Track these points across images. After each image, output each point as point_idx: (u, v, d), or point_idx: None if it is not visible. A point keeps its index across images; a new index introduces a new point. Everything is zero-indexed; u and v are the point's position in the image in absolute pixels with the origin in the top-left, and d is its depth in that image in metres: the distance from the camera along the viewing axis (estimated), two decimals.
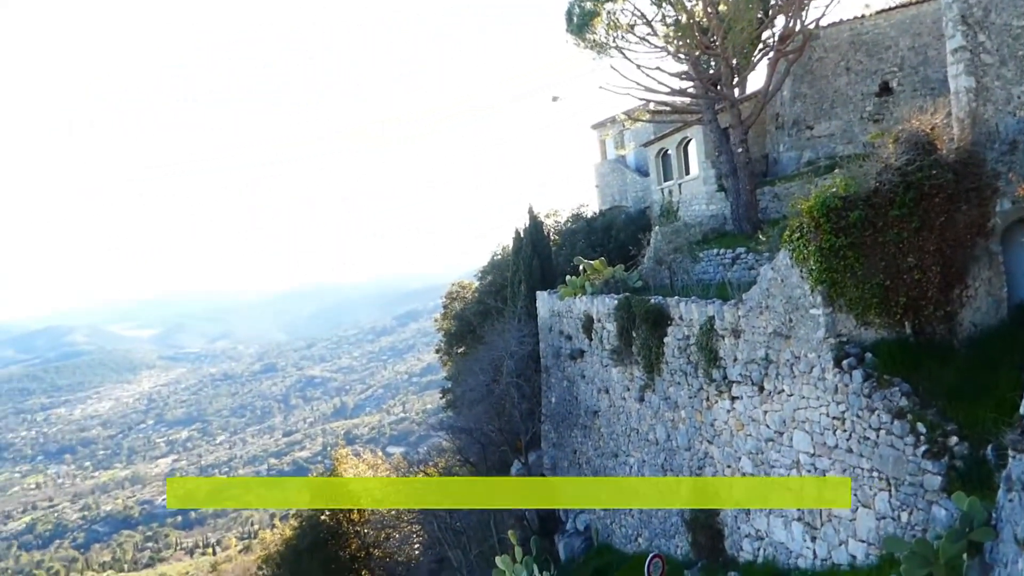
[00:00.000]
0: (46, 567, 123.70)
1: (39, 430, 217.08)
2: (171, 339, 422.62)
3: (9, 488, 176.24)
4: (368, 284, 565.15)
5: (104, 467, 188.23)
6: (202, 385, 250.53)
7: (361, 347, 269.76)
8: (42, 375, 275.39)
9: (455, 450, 28.30)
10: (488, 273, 39.65)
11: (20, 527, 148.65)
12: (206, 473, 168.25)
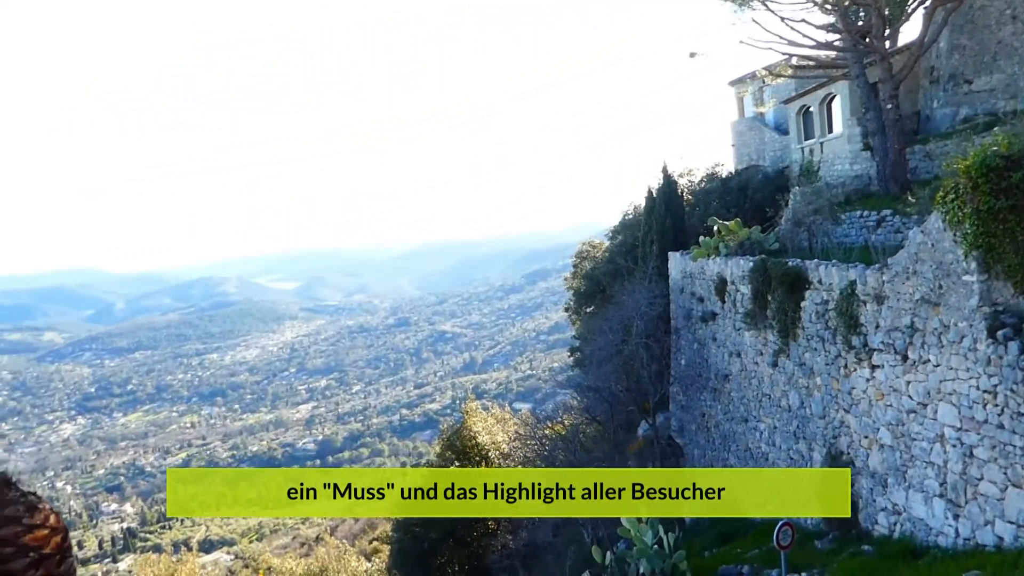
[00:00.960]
0: (199, 499, 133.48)
1: (194, 374, 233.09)
2: (312, 292, 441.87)
3: (168, 425, 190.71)
4: (496, 242, 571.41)
5: (251, 410, 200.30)
6: (340, 337, 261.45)
7: (490, 304, 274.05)
8: (197, 323, 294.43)
9: (582, 408, 28.45)
10: (619, 233, 39.29)
11: (177, 461, 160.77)
12: (343, 420, 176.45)
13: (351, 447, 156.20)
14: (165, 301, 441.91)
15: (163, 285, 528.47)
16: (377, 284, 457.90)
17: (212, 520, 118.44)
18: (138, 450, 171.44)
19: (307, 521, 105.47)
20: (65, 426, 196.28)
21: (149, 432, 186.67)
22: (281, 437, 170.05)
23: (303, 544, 72.08)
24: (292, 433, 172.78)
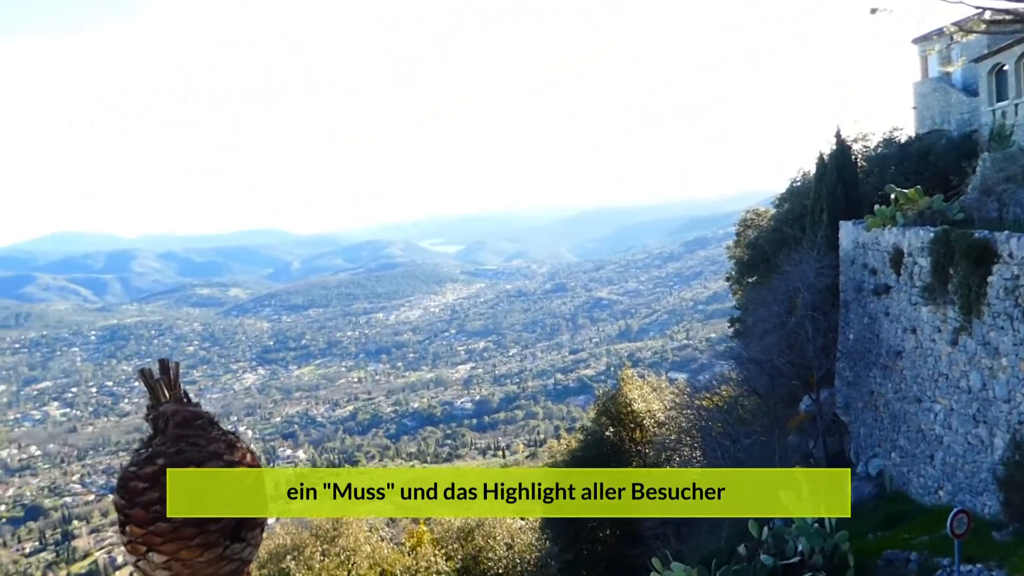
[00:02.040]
0: (364, 451, 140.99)
1: (361, 331, 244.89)
2: (473, 256, 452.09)
3: (337, 379, 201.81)
4: (654, 209, 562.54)
5: (413, 368, 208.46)
6: (498, 300, 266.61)
7: (648, 272, 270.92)
8: (365, 283, 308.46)
9: (741, 380, 27.75)
10: (785, 200, 37.76)
11: (345, 414, 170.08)
12: (499, 382, 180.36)
13: (507, 408, 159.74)
14: (337, 262, 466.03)
15: (335, 247, 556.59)
16: (536, 250, 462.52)
17: (376, 471, 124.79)
18: (310, 401, 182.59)
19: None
20: (247, 376, 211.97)
21: (320, 385, 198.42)
22: (440, 395, 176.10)
23: None
24: (451, 392, 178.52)
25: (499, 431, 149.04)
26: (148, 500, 4.31)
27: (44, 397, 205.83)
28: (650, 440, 32.64)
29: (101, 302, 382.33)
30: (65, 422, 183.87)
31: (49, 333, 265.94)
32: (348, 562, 19.34)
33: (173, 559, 4.13)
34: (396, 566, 19.66)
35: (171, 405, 4.64)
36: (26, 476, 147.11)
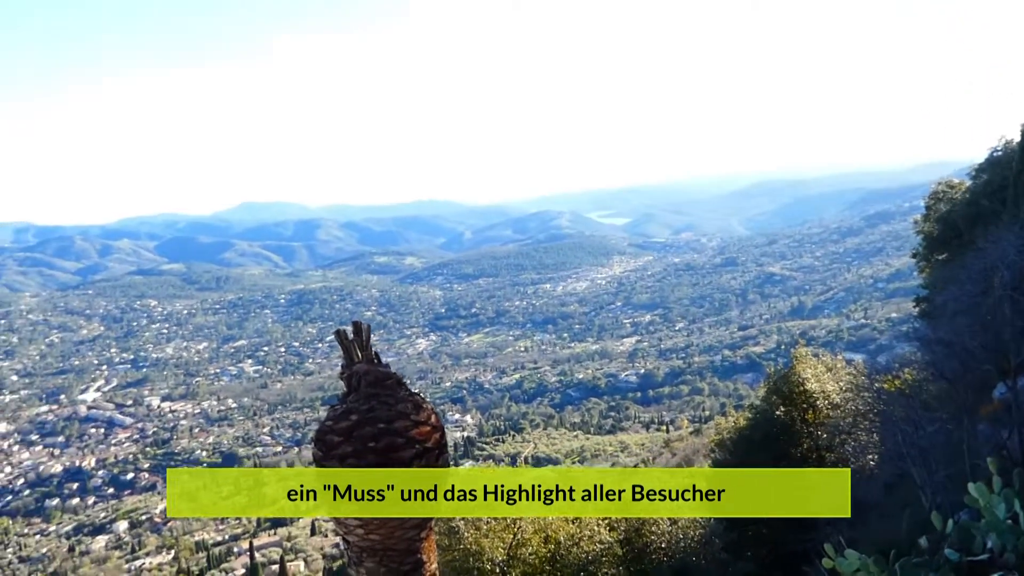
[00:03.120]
0: (529, 418, 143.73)
1: (529, 301, 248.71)
2: (640, 228, 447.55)
3: (504, 348, 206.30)
4: (831, 180, 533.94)
5: (578, 339, 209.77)
6: (666, 274, 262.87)
7: (824, 247, 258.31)
8: (532, 253, 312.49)
9: (926, 363, 26.05)
10: (984, 171, 34.85)
11: (511, 382, 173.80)
12: (664, 356, 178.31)
13: (671, 383, 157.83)
14: (506, 232, 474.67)
15: (505, 217, 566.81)
16: (705, 223, 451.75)
17: (540, 439, 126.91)
18: (478, 368, 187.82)
19: (626, 449, 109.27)
20: (420, 341, 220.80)
21: (488, 352, 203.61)
22: (605, 367, 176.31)
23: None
24: (616, 364, 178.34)
25: (663, 405, 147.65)
26: (342, 453, 4.65)
27: (240, 354, 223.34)
28: (823, 422, 31.38)
29: (290, 268, 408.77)
30: (257, 378, 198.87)
31: (244, 296, 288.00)
32: (514, 525, 19.79)
33: None
34: (560, 533, 19.96)
35: (363, 365, 4.96)
36: (224, 426, 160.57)
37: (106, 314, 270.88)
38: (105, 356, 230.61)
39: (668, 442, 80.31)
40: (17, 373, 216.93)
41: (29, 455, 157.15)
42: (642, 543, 21.42)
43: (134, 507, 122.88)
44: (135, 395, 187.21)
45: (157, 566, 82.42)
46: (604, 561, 19.47)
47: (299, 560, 69.68)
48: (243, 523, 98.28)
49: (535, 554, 19.25)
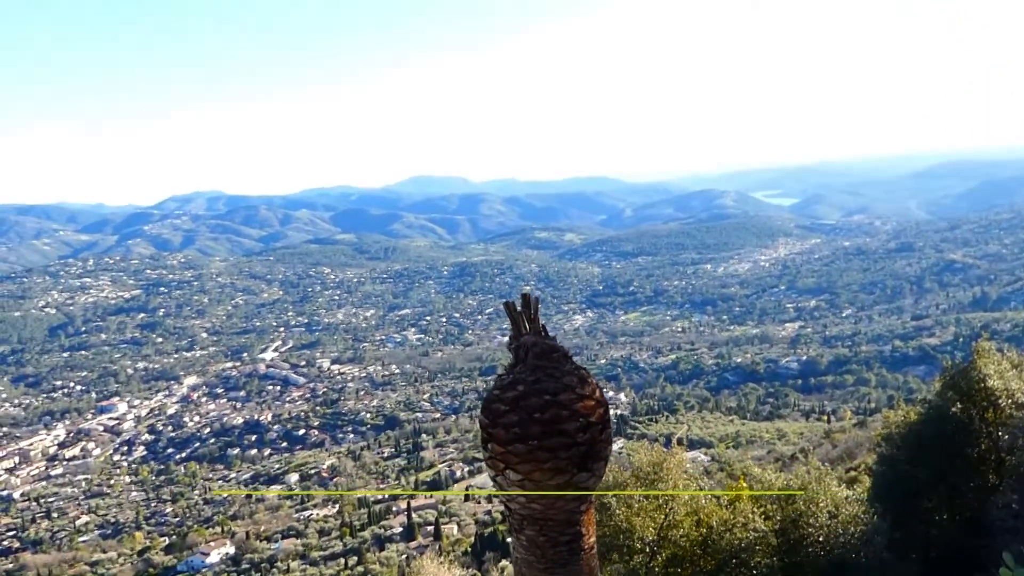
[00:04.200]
0: (684, 400, 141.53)
1: (688, 281, 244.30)
2: (808, 209, 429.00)
3: (661, 327, 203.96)
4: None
5: (738, 322, 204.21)
6: (834, 257, 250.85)
7: (1014, 234, 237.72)
8: (694, 233, 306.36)
9: None
10: None
11: (667, 362, 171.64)
12: (829, 343, 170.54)
13: (835, 372, 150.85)
14: (667, 211, 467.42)
15: (667, 195, 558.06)
16: (880, 205, 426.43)
17: (693, 421, 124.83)
18: (634, 346, 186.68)
19: (784, 437, 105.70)
20: (576, 317, 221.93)
21: (644, 331, 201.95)
22: (765, 352, 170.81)
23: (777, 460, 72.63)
24: (776, 350, 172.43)
25: (825, 395, 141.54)
26: (508, 422, 4.86)
27: (404, 323, 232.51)
28: (1004, 423, 29.16)
29: (453, 240, 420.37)
30: (419, 346, 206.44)
31: (410, 266, 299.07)
32: (666, 506, 19.72)
33: (527, 479, 4.64)
34: (713, 517, 19.70)
35: (531, 337, 5.15)
36: (387, 391, 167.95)
37: (285, 279, 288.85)
38: (283, 319, 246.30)
39: (829, 433, 76.95)
40: (207, 331, 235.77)
41: (215, 407, 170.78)
42: (798, 535, 20.82)
43: (304, 461, 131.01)
44: (308, 356, 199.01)
45: (323, 518, 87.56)
46: (757, 550, 19.08)
47: (453, 523, 72.16)
48: (402, 484, 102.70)
49: (686, 537, 19.13)
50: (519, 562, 4.69)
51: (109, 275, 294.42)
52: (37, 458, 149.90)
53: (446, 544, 59.67)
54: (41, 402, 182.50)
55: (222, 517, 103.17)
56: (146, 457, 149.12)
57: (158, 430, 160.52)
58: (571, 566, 4.52)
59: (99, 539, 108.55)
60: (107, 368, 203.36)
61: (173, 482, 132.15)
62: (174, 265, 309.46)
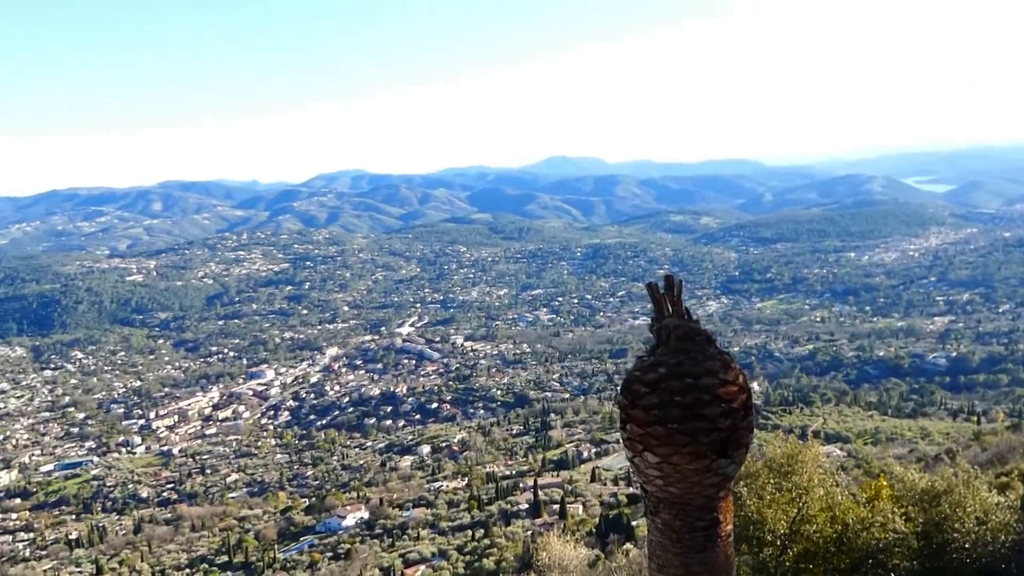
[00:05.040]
0: (820, 392, 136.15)
1: (829, 270, 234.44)
2: (965, 197, 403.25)
3: (799, 316, 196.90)
4: None
5: (882, 314, 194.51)
6: (992, 248, 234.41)
7: None
8: (838, 219, 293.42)
9: None
10: None
11: (804, 352, 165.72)
12: (982, 340, 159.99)
13: (988, 370, 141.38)
14: (810, 195, 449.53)
15: (809, 180, 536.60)
16: None
17: (830, 414, 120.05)
18: (769, 335, 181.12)
19: (927, 436, 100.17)
20: (710, 303, 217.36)
21: (781, 320, 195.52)
22: (911, 346, 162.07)
23: (920, 459, 69.09)
24: (923, 344, 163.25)
25: (976, 394, 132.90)
26: (648, 404, 4.90)
27: (536, 302, 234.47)
28: None
29: (587, 222, 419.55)
30: (551, 326, 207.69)
31: (544, 247, 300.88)
32: (799, 500, 19.22)
33: (665, 461, 4.66)
34: (849, 515, 19.04)
35: (674, 319, 5.15)
36: (517, 369, 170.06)
37: (422, 257, 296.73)
38: (419, 295, 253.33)
39: (979, 434, 72.28)
40: (348, 305, 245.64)
41: (354, 377, 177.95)
42: (942, 539, 19.82)
43: (435, 434, 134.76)
44: (442, 332, 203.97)
45: (452, 490, 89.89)
46: (896, 552, 18.33)
47: (578, 503, 72.53)
48: (529, 461, 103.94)
49: (819, 532, 18.60)
50: (653, 544, 4.73)
51: (260, 249, 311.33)
52: (194, 418, 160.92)
53: (571, 523, 60.07)
54: (198, 366, 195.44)
55: (358, 483, 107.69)
56: (290, 422, 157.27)
57: (301, 397, 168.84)
58: (707, 552, 4.52)
59: (246, 496, 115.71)
60: (257, 336, 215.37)
61: (314, 447, 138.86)
62: (320, 240, 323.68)
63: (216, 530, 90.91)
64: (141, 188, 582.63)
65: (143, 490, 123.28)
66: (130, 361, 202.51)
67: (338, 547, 70.05)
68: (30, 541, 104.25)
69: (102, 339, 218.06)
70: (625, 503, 66.10)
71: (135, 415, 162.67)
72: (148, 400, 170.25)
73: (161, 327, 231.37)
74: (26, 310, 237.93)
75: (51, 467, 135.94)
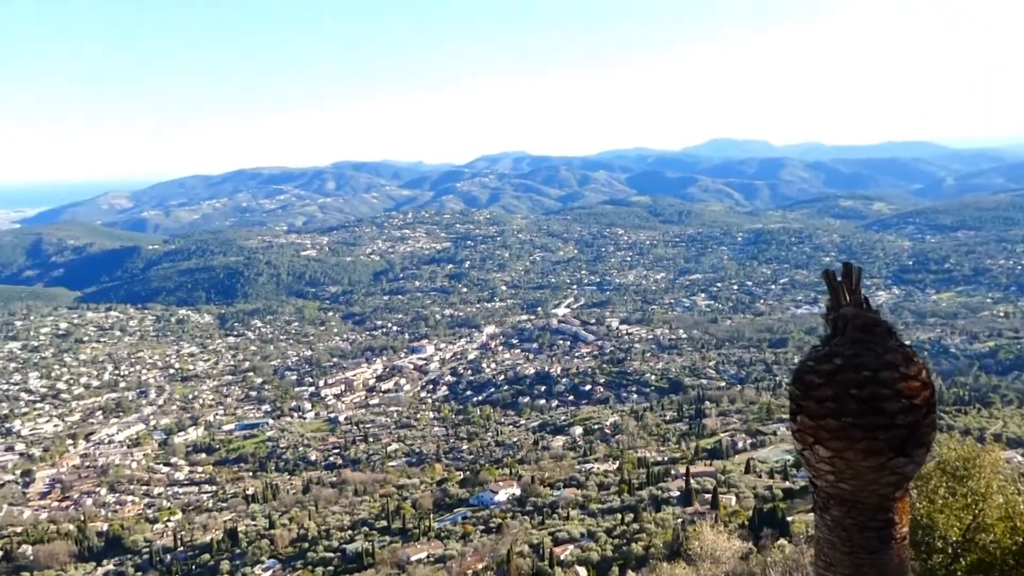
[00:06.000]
0: (1000, 393, 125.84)
1: (1017, 261, 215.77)
2: None
3: (979, 311, 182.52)
4: None
5: None
6: None
7: None
8: None
9: None
10: None
11: (984, 349, 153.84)
12: None
13: None
14: (997, 180, 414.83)
15: (998, 163, 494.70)
16: None
17: (1011, 418, 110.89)
18: (944, 329, 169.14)
19: None
20: (880, 293, 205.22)
21: (959, 314, 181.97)
22: None
23: None
24: None
25: None
26: (821, 396, 4.67)
27: (694, 288, 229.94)
28: None
29: (750, 206, 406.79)
30: (708, 312, 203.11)
31: (703, 231, 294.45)
32: (975, 507, 17.97)
33: (837, 456, 4.43)
34: None
35: (851, 308, 4.88)
36: (672, 354, 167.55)
37: (579, 239, 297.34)
38: (576, 277, 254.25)
39: None
40: (506, 284, 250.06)
41: (510, 356, 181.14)
42: None
43: (588, 416, 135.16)
44: (597, 315, 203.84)
45: (603, 472, 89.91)
46: None
47: (731, 494, 70.71)
48: (681, 448, 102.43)
49: (997, 543, 17.33)
50: (821, 541, 4.53)
51: (424, 228, 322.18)
52: (359, 388, 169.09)
53: (723, 514, 58.78)
54: (364, 338, 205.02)
55: (511, 460, 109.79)
56: (448, 396, 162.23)
57: (459, 372, 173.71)
58: (879, 554, 4.28)
59: (405, 465, 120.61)
60: (419, 312, 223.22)
61: (469, 422, 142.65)
62: (480, 220, 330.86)
63: (376, 496, 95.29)
64: (317, 168, 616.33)
65: (311, 453, 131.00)
66: (303, 331, 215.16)
67: (490, 521, 71.77)
68: (212, 493, 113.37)
69: (278, 309, 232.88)
70: (781, 497, 63.89)
71: (306, 382, 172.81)
72: (318, 369, 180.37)
73: (331, 300, 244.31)
74: (213, 280, 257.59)
75: (232, 426, 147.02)
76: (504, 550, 54.92)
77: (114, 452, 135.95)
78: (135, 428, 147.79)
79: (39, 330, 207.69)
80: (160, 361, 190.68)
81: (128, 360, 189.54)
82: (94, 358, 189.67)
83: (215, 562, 74.16)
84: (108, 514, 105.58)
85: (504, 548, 55.60)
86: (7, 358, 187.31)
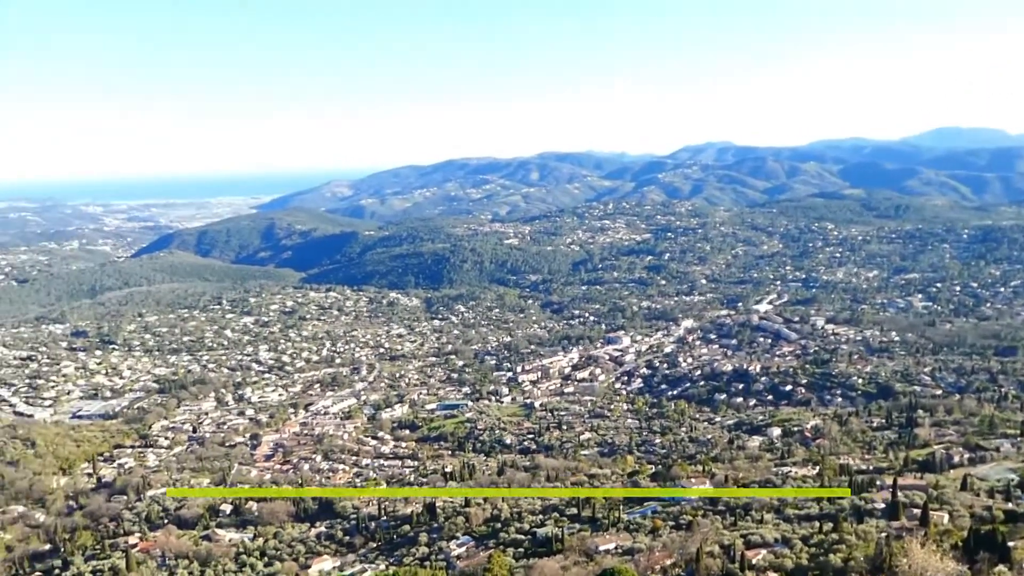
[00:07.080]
0: None
1: None
2: None
3: None
4: None
5: None
6: None
7: None
8: None
9: None
10: None
11: None
12: None
13: None
14: None
15: None
16: None
17: None
18: None
19: None
20: None
21: None
22: None
23: None
24: None
25: None
26: None
27: (910, 287, 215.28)
28: None
29: (978, 201, 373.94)
30: (925, 315, 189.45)
31: (923, 227, 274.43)
32: None
33: None
34: None
35: None
36: (883, 358, 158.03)
37: (785, 233, 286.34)
38: (780, 272, 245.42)
39: None
40: (706, 278, 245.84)
41: (707, 351, 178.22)
42: None
43: (788, 417, 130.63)
44: (802, 312, 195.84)
45: (801, 477, 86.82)
46: None
47: (944, 512, 66.17)
48: (889, 458, 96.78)
49: None
50: None
51: (624, 219, 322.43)
52: (554, 375, 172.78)
53: (933, 532, 55.30)
54: (561, 327, 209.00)
55: (705, 457, 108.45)
56: (642, 389, 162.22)
57: (655, 366, 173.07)
58: None
59: (597, 455, 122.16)
60: (616, 303, 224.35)
61: (663, 416, 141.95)
62: (682, 212, 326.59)
63: (568, 483, 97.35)
64: (522, 159, 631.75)
65: (507, 437, 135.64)
66: (503, 317, 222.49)
67: (680, 517, 71.50)
68: (414, 468, 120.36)
69: (481, 295, 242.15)
70: (1002, 519, 59.18)
71: (504, 367, 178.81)
72: (516, 355, 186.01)
73: (531, 288, 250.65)
74: (422, 266, 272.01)
75: (434, 406, 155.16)
76: (693, 548, 54.83)
77: (329, 423, 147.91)
78: (348, 402, 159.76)
79: (269, 307, 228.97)
80: (372, 340, 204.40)
81: (344, 338, 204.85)
82: (314, 335, 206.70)
83: (414, 533, 79.18)
84: (321, 480, 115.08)
85: (694, 546, 55.50)
86: (242, 331, 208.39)
